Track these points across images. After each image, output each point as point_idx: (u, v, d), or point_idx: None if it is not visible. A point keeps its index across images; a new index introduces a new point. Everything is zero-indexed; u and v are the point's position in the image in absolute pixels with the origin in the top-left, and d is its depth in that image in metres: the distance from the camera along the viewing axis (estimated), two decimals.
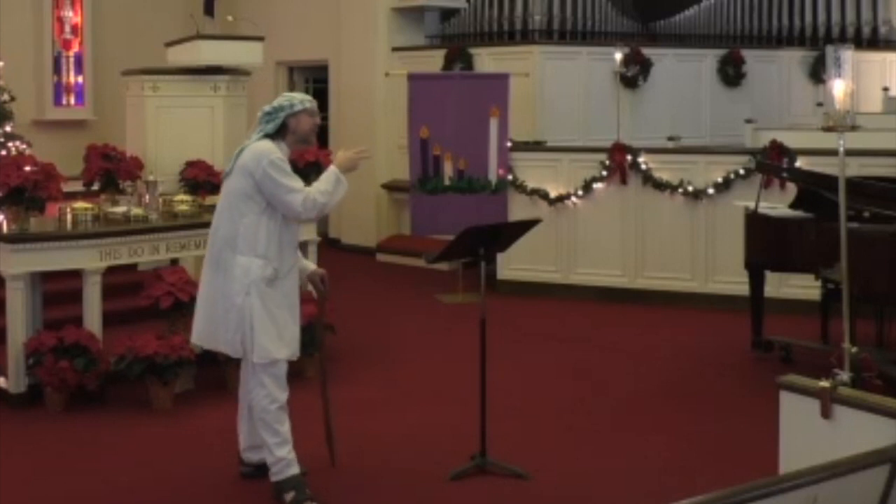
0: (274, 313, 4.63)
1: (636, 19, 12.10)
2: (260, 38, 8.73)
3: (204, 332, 4.78)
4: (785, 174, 7.79)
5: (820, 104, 11.36)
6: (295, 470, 4.70)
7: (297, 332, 4.78)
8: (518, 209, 9.05)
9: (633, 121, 10.92)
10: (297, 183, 4.64)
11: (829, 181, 6.35)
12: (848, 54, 5.18)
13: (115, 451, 5.38)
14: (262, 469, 4.82)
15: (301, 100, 4.85)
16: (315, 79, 12.87)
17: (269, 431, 4.68)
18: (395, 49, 11.46)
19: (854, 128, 4.50)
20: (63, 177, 6.58)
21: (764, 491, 2.41)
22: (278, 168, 4.60)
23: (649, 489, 4.82)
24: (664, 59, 11.34)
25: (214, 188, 7.77)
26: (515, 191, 9.17)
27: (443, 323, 8.29)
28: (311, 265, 5.19)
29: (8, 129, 8.70)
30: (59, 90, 11.75)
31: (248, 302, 4.57)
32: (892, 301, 6.29)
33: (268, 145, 4.68)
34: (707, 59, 11.78)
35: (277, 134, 4.74)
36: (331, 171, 4.77)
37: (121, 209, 6.79)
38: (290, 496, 4.64)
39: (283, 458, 4.67)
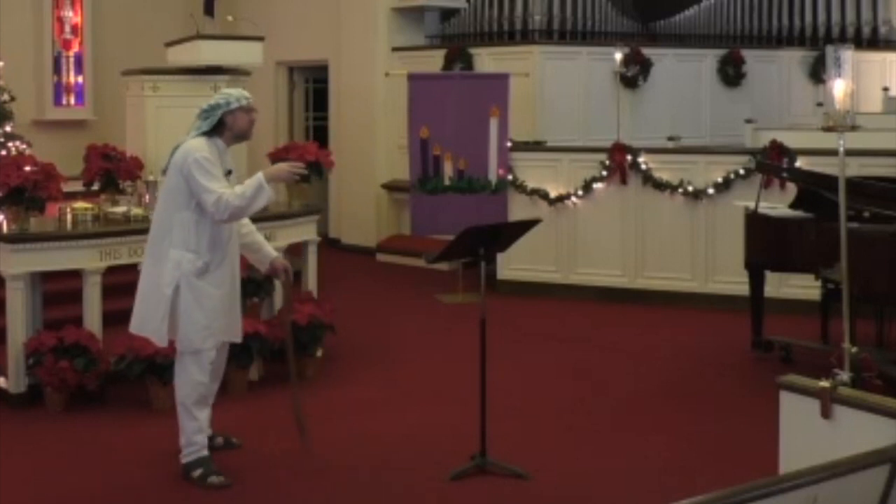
0: (203, 304, 4.87)
1: (636, 19, 12.10)
2: (260, 38, 8.73)
3: (136, 320, 5.01)
4: (785, 174, 7.79)
5: (820, 104, 11.36)
6: (204, 453, 4.99)
7: (231, 321, 5.05)
8: (518, 209, 9.05)
9: (633, 121, 10.92)
10: (214, 184, 4.79)
11: (829, 181, 6.35)
12: (848, 54, 5.19)
13: (115, 451, 5.38)
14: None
15: (238, 97, 4.98)
16: (315, 79, 12.87)
17: (187, 416, 4.96)
18: (395, 49, 11.46)
19: (854, 128, 4.50)
20: (63, 177, 6.57)
21: (764, 491, 2.41)
22: (200, 166, 4.78)
23: (649, 489, 4.83)
24: (664, 59, 11.34)
25: None
26: (515, 191, 9.17)
27: (443, 323, 8.29)
28: (272, 253, 5.35)
29: (8, 129, 8.71)
30: (59, 90, 11.75)
31: (178, 294, 4.84)
32: (892, 301, 6.29)
33: (197, 144, 4.88)
34: (707, 59, 11.78)
35: (214, 131, 4.94)
36: (254, 178, 4.88)
37: (121, 209, 6.78)
38: (197, 472, 4.92)
39: (196, 443, 4.97)
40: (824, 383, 3.24)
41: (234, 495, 4.83)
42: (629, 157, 8.83)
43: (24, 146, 8.54)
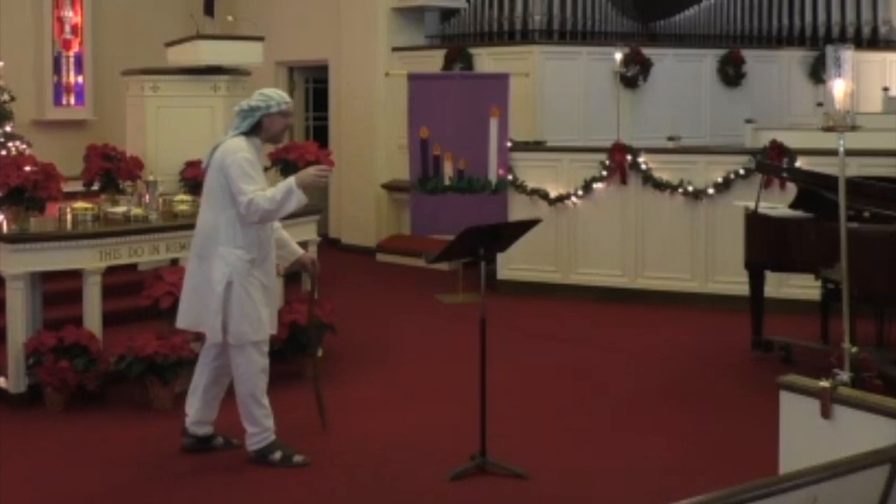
0: (255, 297, 5.02)
1: (636, 19, 12.10)
2: (260, 38, 8.74)
3: (188, 316, 5.17)
4: (785, 174, 7.79)
5: (820, 104, 11.35)
6: (275, 436, 5.15)
7: (272, 313, 5.21)
8: (518, 209, 9.05)
9: (633, 121, 10.92)
10: (250, 185, 4.92)
11: (829, 181, 6.35)
12: (848, 54, 5.19)
13: (115, 451, 5.38)
14: (204, 442, 5.29)
15: (278, 102, 5.09)
16: (315, 79, 12.87)
17: (255, 404, 5.10)
18: (395, 49, 11.46)
19: (854, 128, 4.50)
20: (63, 177, 6.58)
21: (764, 491, 2.41)
22: (239, 167, 4.92)
23: (649, 489, 4.82)
24: (664, 59, 11.34)
25: None
26: (515, 191, 9.17)
27: (443, 323, 8.29)
28: (299, 250, 5.54)
29: (8, 129, 8.71)
30: (59, 90, 11.74)
31: (230, 290, 4.96)
32: (892, 301, 6.29)
33: (238, 143, 5.02)
34: (707, 59, 11.78)
35: (251, 131, 5.07)
36: (285, 183, 5.01)
37: (121, 209, 6.78)
38: (277, 455, 5.11)
39: (268, 428, 5.13)
40: (824, 383, 3.24)
41: (233, 494, 4.83)
42: (629, 157, 8.83)
43: (24, 146, 8.54)
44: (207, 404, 5.27)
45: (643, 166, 8.78)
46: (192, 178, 7.80)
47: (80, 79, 11.84)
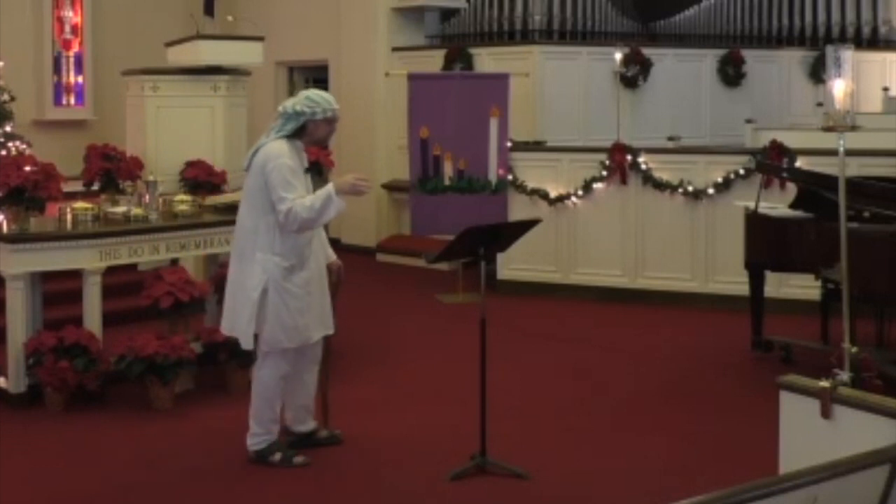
0: (290, 305, 4.97)
1: (636, 19, 12.09)
2: (260, 38, 8.74)
3: (226, 321, 5.15)
4: (785, 174, 7.79)
5: (820, 104, 11.36)
6: (275, 437, 5.17)
7: (319, 317, 5.14)
8: (518, 209, 9.05)
9: (633, 121, 10.92)
10: (289, 192, 4.87)
11: (829, 181, 6.35)
12: (848, 54, 5.20)
13: (115, 451, 5.38)
14: (308, 438, 5.31)
15: (324, 108, 5.02)
16: (315, 79, 12.86)
17: (266, 407, 5.11)
18: (395, 49, 11.46)
19: (854, 128, 4.50)
20: (63, 177, 6.58)
21: (764, 491, 2.41)
22: (280, 174, 4.88)
23: (649, 489, 4.82)
24: (664, 59, 11.34)
25: (214, 188, 7.79)
26: (515, 191, 9.16)
27: (443, 323, 8.29)
28: (332, 255, 5.48)
29: (8, 129, 8.70)
30: (59, 90, 11.74)
31: (265, 297, 4.93)
32: (892, 301, 6.29)
33: (279, 148, 4.96)
34: (707, 59, 11.78)
35: (295, 134, 5.02)
36: (324, 190, 4.96)
37: (121, 209, 6.78)
38: (277, 456, 5.10)
39: (271, 432, 5.15)
40: (824, 383, 3.24)
41: (233, 495, 4.83)
42: (629, 157, 8.83)
43: (24, 146, 8.54)
44: (295, 402, 5.29)
45: (643, 166, 8.78)
46: (192, 179, 7.81)
47: (80, 79, 11.83)
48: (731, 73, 11.80)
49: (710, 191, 8.57)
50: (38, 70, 11.56)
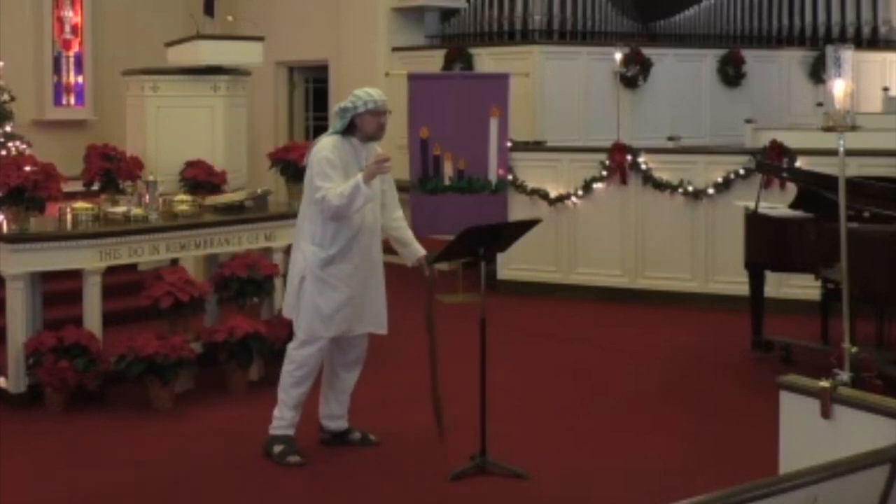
0: (326, 295, 5.08)
1: (636, 19, 12.10)
2: (260, 38, 8.74)
3: (285, 306, 5.35)
4: (785, 174, 7.79)
5: (820, 104, 11.36)
6: (290, 432, 5.20)
7: (361, 313, 5.21)
8: (518, 209, 9.05)
9: (633, 121, 10.92)
10: (326, 182, 4.96)
11: (829, 181, 6.35)
12: (848, 54, 5.20)
13: (115, 451, 5.38)
14: (339, 437, 5.37)
15: (365, 101, 5.07)
16: (315, 79, 12.87)
17: (284, 391, 5.19)
18: (395, 49, 11.46)
19: (854, 128, 4.51)
20: (63, 177, 6.58)
21: (764, 491, 2.41)
22: (318, 165, 5.02)
23: (649, 489, 4.82)
24: (664, 59, 11.34)
25: (214, 188, 7.79)
26: (515, 191, 9.16)
27: (443, 323, 8.23)
28: (421, 250, 5.46)
29: (8, 129, 8.71)
30: (59, 90, 11.73)
31: (303, 285, 5.09)
32: (892, 301, 6.29)
33: (325, 143, 5.09)
34: (707, 59, 11.78)
35: (348, 131, 5.12)
36: (354, 179, 4.99)
37: (121, 209, 6.78)
38: (278, 448, 5.15)
39: (285, 418, 5.18)
40: (824, 383, 3.24)
41: (233, 494, 4.83)
42: (629, 157, 8.83)
43: (24, 146, 8.54)
44: (331, 398, 5.37)
45: (643, 166, 8.78)
46: (192, 178, 7.81)
47: (80, 79, 11.83)
48: (731, 73, 11.80)
49: (710, 191, 8.57)
50: (38, 70, 11.55)
